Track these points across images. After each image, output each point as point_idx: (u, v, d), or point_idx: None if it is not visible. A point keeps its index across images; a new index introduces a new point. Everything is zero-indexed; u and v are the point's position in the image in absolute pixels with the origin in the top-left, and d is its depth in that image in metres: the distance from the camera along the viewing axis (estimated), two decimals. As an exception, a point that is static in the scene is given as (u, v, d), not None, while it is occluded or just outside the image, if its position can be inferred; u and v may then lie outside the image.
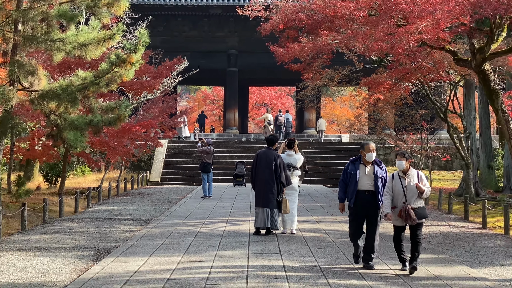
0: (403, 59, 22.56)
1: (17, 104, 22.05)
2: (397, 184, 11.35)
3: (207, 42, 48.82)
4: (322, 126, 57.92)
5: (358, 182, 11.92)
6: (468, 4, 18.19)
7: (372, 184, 11.89)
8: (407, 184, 11.22)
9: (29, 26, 22.31)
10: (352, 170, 12.10)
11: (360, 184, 11.93)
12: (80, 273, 12.51)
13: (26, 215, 19.48)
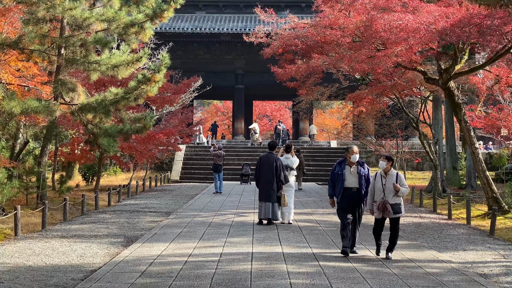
0: (381, 78, 22.81)
1: (60, 115, 22.21)
2: (378, 182, 11.55)
3: (218, 63, 49.00)
4: (313, 131, 58.33)
5: (345, 181, 11.99)
6: (436, 32, 18.27)
7: (357, 182, 12.01)
8: (386, 182, 11.42)
9: (70, 51, 22.44)
10: (339, 170, 12.19)
11: (346, 182, 11.99)
12: (112, 256, 12.77)
13: (67, 208, 19.66)
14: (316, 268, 11.34)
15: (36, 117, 22.74)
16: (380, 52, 19.84)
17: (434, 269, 11.49)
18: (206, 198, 27.45)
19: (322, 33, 22.40)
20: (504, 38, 19.12)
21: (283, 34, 25.17)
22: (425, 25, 18.32)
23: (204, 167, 42.37)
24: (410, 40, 18.55)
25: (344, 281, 9.98)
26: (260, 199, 18.04)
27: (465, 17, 18.07)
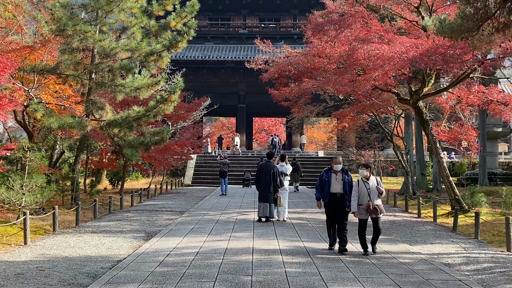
0: (361, 98, 22.87)
1: (91, 130, 22.32)
2: (362, 187, 11.28)
3: (224, 86, 49.19)
4: (303, 140, 58.39)
5: (331, 187, 11.79)
6: (407, 60, 18.34)
7: (341, 188, 11.74)
8: (370, 187, 11.22)
9: (100, 75, 22.57)
10: (326, 177, 11.98)
11: (332, 188, 11.79)
12: (135, 249, 12.86)
13: (97, 208, 19.72)
14: (307, 259, 11.43)
15: (70, 131, 22.90)
16: (360, 77, 19.93)
17: (406, 259, 11.56)
18: (214, 199, 27.45)
19: (311, 60, 22.57)
20: (464, 65, 19.18)
21: (278, 61, 25.27)
22: (398, 54, 18.41)
23: (212, 173, 42.28)
24: (386, 66, 18.65)
25: (331, 270, 10.05)
26: (260, 200, 18.10)
27: (432, 48, 18.17)
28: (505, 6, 11.56)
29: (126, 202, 24.35)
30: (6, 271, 10.11)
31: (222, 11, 52.87)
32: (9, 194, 16.73)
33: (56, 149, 27.27)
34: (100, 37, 21.65)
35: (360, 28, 21.21)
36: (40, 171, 20.95)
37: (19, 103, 22.68)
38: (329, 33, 22.17)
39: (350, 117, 28.40)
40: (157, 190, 32.64)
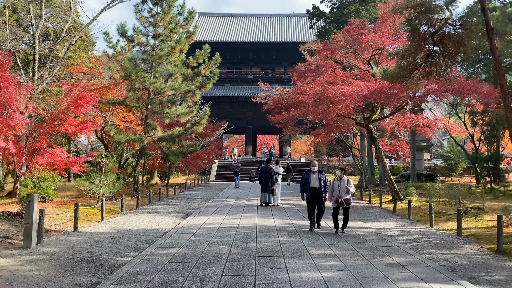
0: (330, 122, 22.96)
1: (147, 143, 22.36)
2: (335, 184, 11.16)
3: (237, 113, 49.41)
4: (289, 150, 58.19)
5: (310, 183, 11.67)
6: (362, 96, 18.37)
7: (318, 183, 11.58)
8: (340, 185, 11.07)
9: (153, 106, 22.65)
10: (306, 176, 11.84)
11: (311, 184, 11.66)
12: (176, 224, 12.94)
13: (151, 196, 19.79)
14: (293, 230, 11.44)
15: (133, 144, 23.10)
16: (330, 108, 19.97)
17: (362, 232, 11.57)
18: (230, 191, 27.43)
19: (296, 96, 22.75)
20: (400, 100, 19.22)
21: (274, 97, 25.39)
22: (356, 92, 18.48)
23: (229, 172, 42.20)
24: (347, 101, 18.75)
25: (310, 239, 10.06)
26: (261, 191, 18.16)
27: (378, 88, 18.22)
28: (428, 60, 11.60)
29: (170, 192, 24.39)
30: (89, 239, 10.15)
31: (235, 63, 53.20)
32: (91, 186, 16.80)
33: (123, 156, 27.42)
34: (154, 81, 21.78)
35: (330, 75, 21.32)
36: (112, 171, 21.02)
37: (98, 125, 22.90)
38: (308, 78, 22.30)
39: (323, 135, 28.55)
40: (191, 184, 32.77)
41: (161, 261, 7.73)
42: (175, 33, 22.99)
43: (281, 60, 53.17)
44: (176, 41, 22.70)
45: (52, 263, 7.70)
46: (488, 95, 17.46)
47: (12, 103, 16.92)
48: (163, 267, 7.31)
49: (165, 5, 22.65)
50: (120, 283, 6.32)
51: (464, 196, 17.02)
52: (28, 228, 9.00)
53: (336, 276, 6.78)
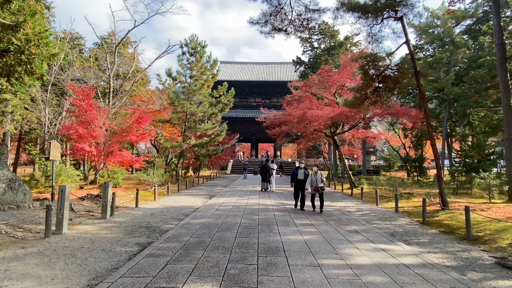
0: (308, 135, 22.64)
1: (185, 148, 22.20)
2: (313, 177, 10.64)
3: (245, 129, 48.93)
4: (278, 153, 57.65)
5: (298, 176, 11.23)
6: (329, 117, 18.23)
7: (303, 177, 11.10)
8: (317, 177, 10.57)
9: (189, 123, 22.58)
10: (295, 171, 11.43)
11: (298, 177, 11.23)
12: (204, 203, 12.70)
13: (187, 184, 19.53)
14: (283, 208, 11.30)
15: (175, 149, 22.88)
16: (308, 125, 19.75)
17: (330, 209, 11.41)
18: (240, 180, 27.20)
19: (286, 117, 22.48)
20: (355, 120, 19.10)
21: (270, 117, 25.21)
22: (326, 115, 18.38)
23: (239, 168, 41.93)
24: (320, 120, 18.63)
25: (295, 213, 9.96)
26: (262, 181, 17.85)
27: (341, 112, 18.12)
28: (374, 93, 11.55)
29: (200, 181, 24.19)
30: (146, 212, 10.08)
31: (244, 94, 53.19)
32: (147, 177, 16.76)
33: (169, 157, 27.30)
34: (190, 106, 21.78)
35: (308, 103, 21.21)
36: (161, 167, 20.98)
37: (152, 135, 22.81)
38: (293, 105, 22.17)
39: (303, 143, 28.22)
40: (214, 176, 32.48)
41: (194, 228, 7.69)
42: (204, 75, 23.05)
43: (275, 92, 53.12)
44: (205, 80, 22.77)
45: (120, 228, 7.67)
46: (415, 117, 17.39)
47: (94, 121, 16.97)
48: (195, 231, 7.27)
49: (197, 56, 22.75)
50: (167, 242, 6.29)
51: (399, 185, 16.94)
52: (104, 205, 8.98)
53: (312, 238, 6.73)
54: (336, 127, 20.84)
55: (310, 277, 4.48)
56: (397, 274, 4.72)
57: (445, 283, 4.45)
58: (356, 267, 4.97)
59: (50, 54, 13.38)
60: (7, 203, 9.30)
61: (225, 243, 6.19)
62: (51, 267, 4.82)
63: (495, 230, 7.62)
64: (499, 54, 13.17)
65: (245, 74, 55.73)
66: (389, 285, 4.27)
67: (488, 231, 7.63)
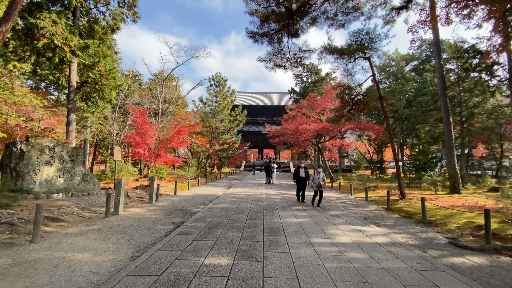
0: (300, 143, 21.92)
1: (211, 152, 21.80)
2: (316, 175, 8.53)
3: (254, 139, 48.33)
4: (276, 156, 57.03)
5: (299, 174, 9.43)
6: (315, 131, 17.67)
7: (304, 175, 9.39)
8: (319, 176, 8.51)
9: (214, 134, 22.21)
10: (298, 170, 9.61)
11: (300, 174, 9.44)
12: (224, 192, 12.17)
13: (212, 177, 19.03)
14: (282, 197, 10.75)
15: (205, 152, 22.42)
16: (299, 136, 19.19)
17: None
18: (250, 176, 26.63)
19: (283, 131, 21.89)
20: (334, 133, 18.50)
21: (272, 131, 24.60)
22: (312, 128, 17.90)
23: (249, 167, 41.41)
24: (308, 133, 18.12)
25: (291, 202, 9.42)
26: (266, 176, 17.20)
27: (324, 126, 17.59)
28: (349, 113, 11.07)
29: (221, 176, 23.72)
30: (181, 199, 9.68)
31: (253, 114, 52.73)
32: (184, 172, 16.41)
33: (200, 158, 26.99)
34: (215, 123, 21.50)
35: (299, 120, 20.63)
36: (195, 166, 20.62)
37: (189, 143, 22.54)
38: (288, 122, 21.65)
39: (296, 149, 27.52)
40: (231, 172, 31.97)
41: (215, 211, 7.28)
42: (225, 100, 22.82)
43: (275, 113, 52.69)
44: (226, 104, 22.53)
45: (162, 211, 7.30)
46: (378, 130, 16.76)
47: (147, 132, 16.78)
48: (216, 214, 6.86)
49: (221, 87, 22.59)
50: (195, 222, 5.89)
51: (367, 180, 16.24)
52: (151, 193, 8.63)
53: (304, 221, 6.26)
54: (320, 138, 20.28)
55: (304, 253, 4.02)
56: (373, 251, 4.23)
57: (412, 260, 3.95)
58: (340, 245, 4.49)
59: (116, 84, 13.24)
60: (81, 191, 9.04)
61: (238, 224, 5.76)
62: (106, 241, 4.46)
63: (444, 216, 7.02)
64: (441, 85, 12.62)
65: (254, 100, 55.50)
66: (368, 261, 3.79)
67: (439, 216, 7.04)
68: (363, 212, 7.86)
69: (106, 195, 8.95)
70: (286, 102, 51.06)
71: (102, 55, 12.25)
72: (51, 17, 10.05)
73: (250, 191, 12.56)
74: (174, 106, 26.15)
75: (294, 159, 49.15)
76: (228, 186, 14.96)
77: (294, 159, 48.88)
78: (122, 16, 12.63)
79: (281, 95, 58.99)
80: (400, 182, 10.06)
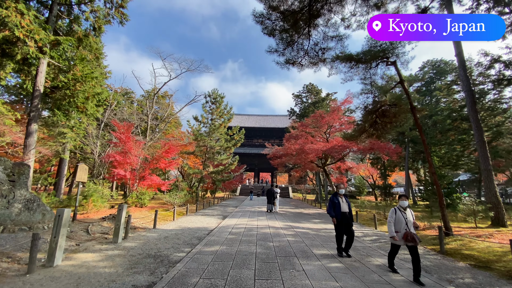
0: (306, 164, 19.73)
1: (204, 174, 19.41)
2: (400, 216, 4.57)
3: (250, 161, 46.06)
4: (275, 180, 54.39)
5: (340, 208, 5.59)
6: (322, 151, 15.79)
7: (348, 208, 5.64)
8: (407, 217, 4.56)
9: (208, 155, 20.01)
10: (336, 200, 5.69)
11: (342, 209, 5.60)
12: (218, 224, 9.69)
13: (204, 204, 16.45)
14: (294, 232, 8.25)
15: (197, 175, 20.04)
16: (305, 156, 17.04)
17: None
18: (248, 202, 24.09)
19: (285, 150, 19.86)
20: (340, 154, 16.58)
21: (273, 151, 22.71)
22: (319, 148, 15.99)
23: (246, 191, 38.67)
24: (314, 152, 16.14)
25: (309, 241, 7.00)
26: (267, 203, 14.68)
27: (332, 146, 15.78)
28: (371, 127, 9.17)
29: (215, 202, 21.10)
30: (161, 235, 7.25)
31: (250, 136, 50.95)
32: (169, 198, 13.91)
33: (192, 181, 24.45)
34: (209, 141, 19.44)
35: (304, 139, 18.69)
36: (186, 189, 18.14)
37: (179, 164, 20.25)
38: (291, 141, 19.68)
39: (298, 172, 25.31)
40: (226, 197, 29.27)
41: (206, 260, 4.89)
42: (222, 117, 20.99)
43: (272, 135, 51.08)
44: (222, 122, 20.67)
45: (125, 259, 4.87)
46: (393, 152, 14.87)
47: (130, 150, 14.50)
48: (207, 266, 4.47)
49: (217, 104, 20.89)
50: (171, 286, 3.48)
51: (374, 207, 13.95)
52: (117, 228, 6.19)
53: (350, 284, 3.91)
54: (326, 159, 18.21)
55: None
56: None
57: None
58: None
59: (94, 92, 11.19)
60: (22, 223, 6.52)
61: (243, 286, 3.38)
62: None
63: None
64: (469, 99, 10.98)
65: (250, 122, 54.10)
66: None
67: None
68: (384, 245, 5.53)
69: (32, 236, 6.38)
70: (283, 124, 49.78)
71: (80, 57, 10.34)
72: (17, 7, 8.25)
73: (251, 222, 10.07)
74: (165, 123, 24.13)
75: (292, 183, 46.62)
76: (223, 216, 12.41)
77: (292, 183, 46.34)
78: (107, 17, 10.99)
79: (278, 117, 57.96)
80: (444, 214, 7.86)
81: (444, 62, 25.26)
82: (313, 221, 10.82)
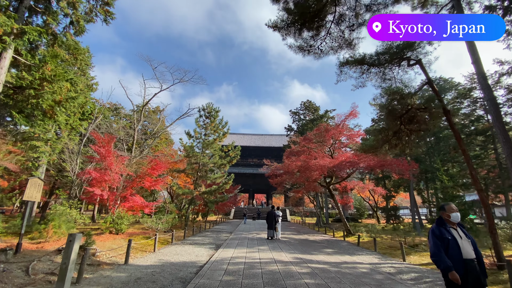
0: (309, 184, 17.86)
1: (195, 195, 17.43)
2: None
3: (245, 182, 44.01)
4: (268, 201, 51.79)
5: (460, 247, 2.47)
6: (326, 169, 14.21)
7: (472, 249, 2.54)
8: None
9: (201, 173, 18.15)
10: (444, 233, 2.59)
11: (464, 253, 2.47)
12: (210, 256, 7.73)
13: (194, 230, 14.36)
14: (311, 270, 6.36)
15: (187, 195, 17.95)
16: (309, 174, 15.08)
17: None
18: (242, 226, 21.71)
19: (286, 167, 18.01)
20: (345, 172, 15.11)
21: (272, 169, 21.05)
22: (326, 165, 14.39)
23: (240, 214, 36.17)
24: (319, 170, 14.52)
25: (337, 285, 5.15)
26: (268, 228, 12.68)
27: (339, 163, 14.28)
28: (395, 136, 7.77)
29: (207, 226, 18.97)
30: (131, 275, 5.33)
31: (245, 156, 49.25)
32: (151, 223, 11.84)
33: (181, 202, 22.23)
34: (202, 158, 17.73)
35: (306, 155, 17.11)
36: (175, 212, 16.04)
37: (167, 183, 18.29)
38: (292, 158, 18.07)
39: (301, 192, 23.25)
40: (219, 221, 26.87)
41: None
42: (217, 132, 19.48)
43: (267, 154, 49.33)
44: (217, 137, 19.13)
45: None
46: (405, 169, 13.45)
47: (111, 166, 12.65)
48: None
49: (212, 118, 19.49)
50: None
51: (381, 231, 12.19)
52: (63, 269, 4.30)
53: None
54: (331, 178, 16.59)
55: None
56: None
57: None
58: None
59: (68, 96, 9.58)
60: None
61: None
62: None
63: None
64: (493, 108, 9.73)
65: (245, 141, 52.66)
66: None
67: None
68: None
69: None
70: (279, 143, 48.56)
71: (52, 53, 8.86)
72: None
73: (251, 254, 8.08)
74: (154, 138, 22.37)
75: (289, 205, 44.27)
76: (216, 245, 10.34)
77: (289, 205, 44.01)
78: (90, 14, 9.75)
79: (273, 137, 56.89)
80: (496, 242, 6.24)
81: (443, 79, 24.95)
82: (325, 251, 8.95)
